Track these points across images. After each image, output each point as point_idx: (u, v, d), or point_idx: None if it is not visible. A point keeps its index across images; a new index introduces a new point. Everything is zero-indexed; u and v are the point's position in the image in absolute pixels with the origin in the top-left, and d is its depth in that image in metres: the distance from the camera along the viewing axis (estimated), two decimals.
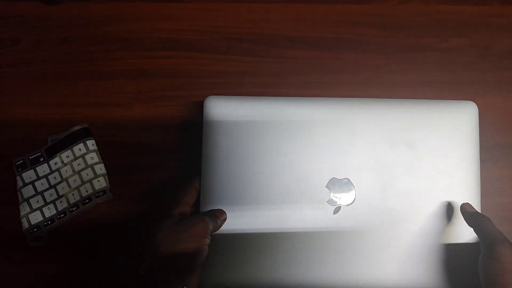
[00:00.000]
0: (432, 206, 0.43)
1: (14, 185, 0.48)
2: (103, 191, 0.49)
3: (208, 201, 0.43)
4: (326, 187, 0.42)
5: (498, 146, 0.55)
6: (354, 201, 0.42)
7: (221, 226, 0.43)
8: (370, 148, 0.43)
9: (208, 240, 0.40)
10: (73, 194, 0.48)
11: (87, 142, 0.49)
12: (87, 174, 0.49)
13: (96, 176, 0.49)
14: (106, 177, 0.49)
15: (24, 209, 0.47)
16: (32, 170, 0.48)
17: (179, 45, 0.55)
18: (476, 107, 0.45)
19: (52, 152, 0.49)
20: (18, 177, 0.48)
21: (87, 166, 0.49)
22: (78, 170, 0.49)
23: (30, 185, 0.48)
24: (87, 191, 0.48)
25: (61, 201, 0.48)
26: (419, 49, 0.57)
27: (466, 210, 0.43)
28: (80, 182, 0.49)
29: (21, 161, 0.49)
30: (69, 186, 0.48)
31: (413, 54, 0.57)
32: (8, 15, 0.55)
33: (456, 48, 0.58)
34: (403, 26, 0.58)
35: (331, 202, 0.42)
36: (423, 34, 0.58)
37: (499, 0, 0.60)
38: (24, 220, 0.47)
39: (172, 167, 0.51)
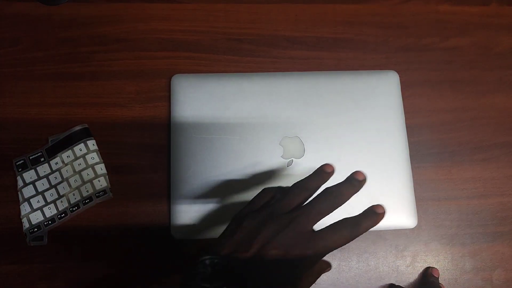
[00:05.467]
0: (368, 155, 0.50)
1: (15, 185, 0.49)
2: (103, 191, 0.49)
3: (179, 158, 0.49)
4: (279, 144, 0.49)
5: (498, 146, 0.55)
6: (304, 155, 0.49)
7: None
8: (316, 112, 0.51)
9: None
10: (73, 194, 0.48)
11: (88, 142, 0.49)
12: (88, 174, 0.49)
13: (96, 176, 0.49)
14: (107, 177, 0.49)
15: (24, 209, 0.48)
16: (33, 170, 0.48)
17: (178, 46, 0.55)
18: (397, 74, 0.53)
19: (53, 152, 0.49)
20: (18, 177, 0.48)
21: (87, 166, 0.49)
22: (79, 170, 0.49)
23: (31, 185, 0.48)
24: (87, 191, 0.49)
25: (61, 201, 0.48)
26: (419, 48, 0.57)
27: (429, 276, 0.49)
28: (80, 182, 0.49)
29: (22, 161, 0.49)
30: (69, 186, 0.49)
31: (413, 54, 0.57)
32: (7, 15, 0.55)
33: (456, 48, 0.58)
34: (403, 25, 0.58)
35: (284, 156, 0.49)
36: (423, 34, 0.58)
37: (498, 0, 0.60)
38: (24, 220, 0.47)
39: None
